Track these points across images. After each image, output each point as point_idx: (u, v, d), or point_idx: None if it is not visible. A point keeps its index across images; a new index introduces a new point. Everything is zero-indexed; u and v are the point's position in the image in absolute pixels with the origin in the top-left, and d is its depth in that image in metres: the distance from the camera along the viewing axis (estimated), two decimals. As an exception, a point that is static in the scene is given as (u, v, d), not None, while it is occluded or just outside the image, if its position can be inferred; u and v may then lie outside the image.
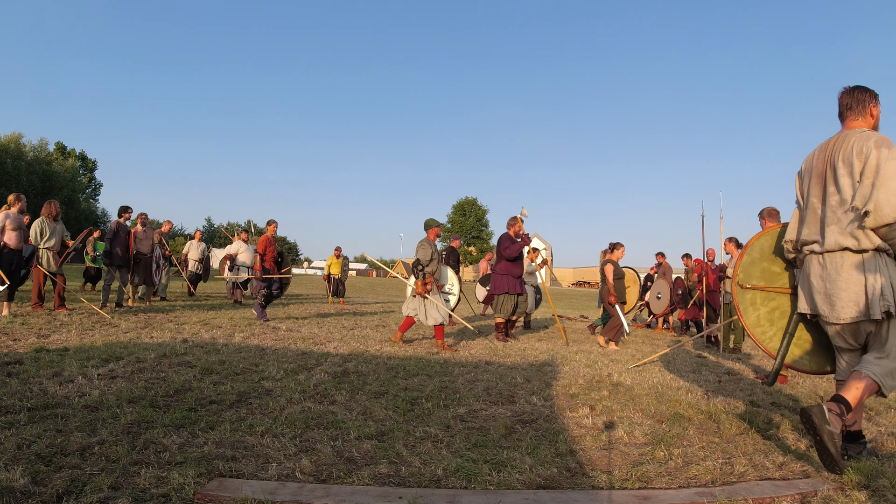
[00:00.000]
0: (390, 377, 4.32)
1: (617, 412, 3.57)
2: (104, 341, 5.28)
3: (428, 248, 6.55)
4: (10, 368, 3.83)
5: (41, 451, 2.32)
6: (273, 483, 2.15)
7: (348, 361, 4.94)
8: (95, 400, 3.13)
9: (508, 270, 7.41)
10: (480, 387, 4.14)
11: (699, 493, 2.24)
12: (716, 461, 2.66)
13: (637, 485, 2.36)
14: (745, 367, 5.92)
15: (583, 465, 2.58)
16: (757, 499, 2.19)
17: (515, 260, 7.44)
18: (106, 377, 3.73)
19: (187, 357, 4.64)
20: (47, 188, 44.85)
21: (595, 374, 4.92)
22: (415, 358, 5.40)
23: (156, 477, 2.13)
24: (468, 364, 5.19)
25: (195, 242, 12.88)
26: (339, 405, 3.39)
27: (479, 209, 65.60)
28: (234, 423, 2.88)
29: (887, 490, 2.31)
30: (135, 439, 2.54)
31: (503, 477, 2.35)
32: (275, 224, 8.55)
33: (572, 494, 2.21)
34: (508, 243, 7.37)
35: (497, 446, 2.76)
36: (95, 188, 60.03)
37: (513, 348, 6.59)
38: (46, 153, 50.38)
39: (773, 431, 3.24)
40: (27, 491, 1.94)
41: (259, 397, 3.47)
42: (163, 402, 3.21)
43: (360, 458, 2.51)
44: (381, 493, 2.10)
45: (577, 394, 4.07)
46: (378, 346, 6.14)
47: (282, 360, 4.75)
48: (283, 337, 6.44)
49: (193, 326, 6.90)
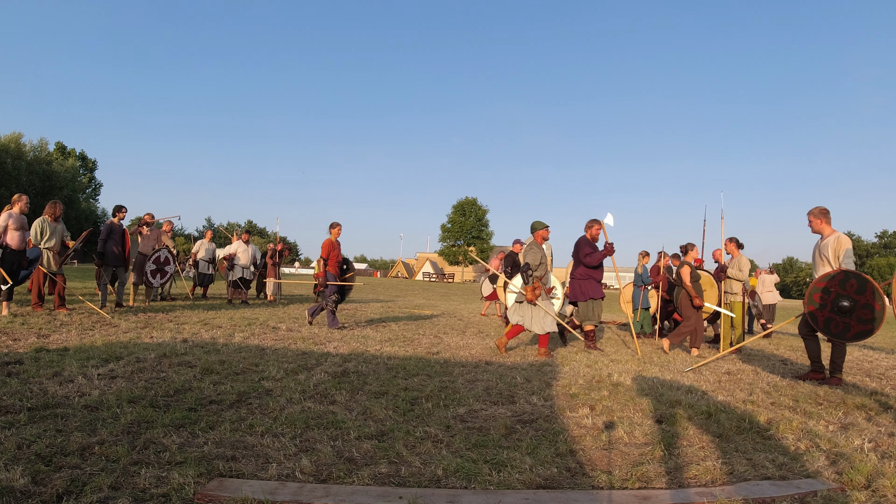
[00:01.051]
0: (390, 377, 4.32)
1: (617, 412, 3.57)
2: (104, 341, 5.28)
3: (537, 251, 6.23)
4: (10, 368, 3.83)
5: (41, 450, 2.32)
6: (273, 483, 2.15)
7: (348, 361, 4.94)
8: (95, 400, 3.13)
9: (590, 275, 6.97)
10: (480, 387, 4.14)
11: (699, 493, 2.24)
12: (716, 461, 2.66)
13: (637, 485, 2.36)
14: (745, 367, 5.92)
15: (583, 464, 2.58)
16: (757, 499, 2.19)
17: (598, 266, 6.98)
18: (106, 377, 3.73)
19: (187, 357, 4.64)
20: (47, 188, 44.90)
21: (595, 374, 4.92)
22: (415, 358, 5.40)
23: (156, 477, 2.13)
24: (468, 364, 5.19)
25: (206, 242, 12.44)
26: (339, 405, 3.39)
27: (479, 209, 65.55)
28: (234, 423, 2.89)
29: (887, 490, 2.31)
30: (135, 439, 2.54)
31: (503, 477, 2.35)
32: (339, 227, 8.10)
33: (572, 494, 2.21)
34: (589, 249, 6.85)
35: (497, 446, 2.76)
36: (95, 188, 60.12)
37: (513, 348, 6.59)
38: (46, 153, 50.39)
39: (773, 431, 3.24)
40: (27, 491, 1.94)
41: (259, 397, 3.47)
42: (163, 401, 3.21)
43: (360, 457, 2.51)
44: (381, 493, 2.10)
45: (577, 394, 4.07)
46: (378, 346, 6.14)
47: (282, 360, 4.75)
48: (283, 337, 6.44)
49: (193, 326, 6.90)
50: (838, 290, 4.84)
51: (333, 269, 7.91)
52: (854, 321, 4.81)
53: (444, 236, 66.21)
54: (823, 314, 4.97)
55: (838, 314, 4.86)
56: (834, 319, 4.91)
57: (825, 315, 4.97)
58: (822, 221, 5.23)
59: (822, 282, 4.96)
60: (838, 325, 4.89)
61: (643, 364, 5.78)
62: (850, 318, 4.80)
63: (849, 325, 4.83)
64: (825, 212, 5.24)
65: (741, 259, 7.54)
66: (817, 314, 5.01)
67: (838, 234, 5.13)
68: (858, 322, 4.82)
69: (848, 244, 5.04)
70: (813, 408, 3.95)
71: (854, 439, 3.11)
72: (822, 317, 4.98)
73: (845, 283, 4.81)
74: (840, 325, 4.88)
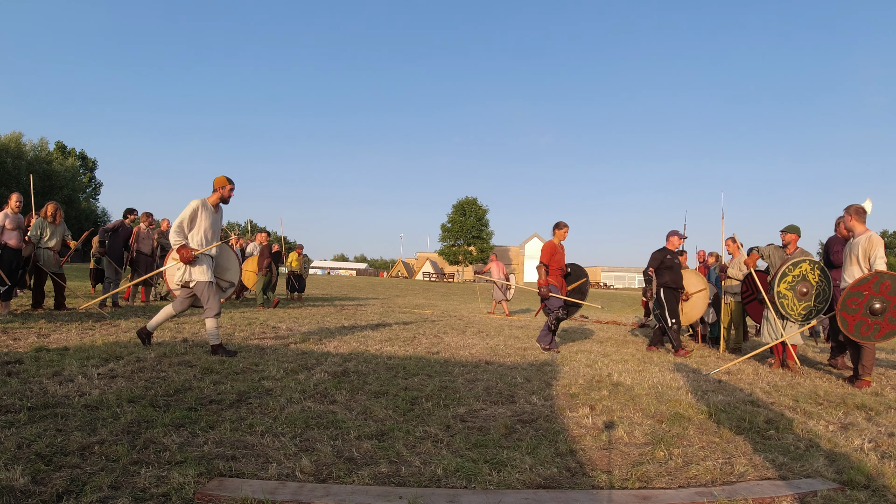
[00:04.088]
0: (390, 377, 4.32)
1: (617, 412, 3.57)
2: (104, 341, 5.28)
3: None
4: (10, 368, 3.83)
5: (41, 450, 2.32)
6: (273, 482, 2.15)
7: (348, 361, 4.94)
8: (95, 399, 3.13)
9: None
10: (480, 386, 4.14)
11: (699, 493, 2.24)
12: (716, 461, 2.66)
13: (637, 484, 2.36)
14: (745, 367, 5.92)
15: (583, 464, 2.58)
16: (757, 499, 2.19)
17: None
18: (106, 377, 3.73)
19: (187, 356, 4.64)
20: (47, 188, 44.89)
21: (595, 374, 4.92)
22: (415, 358, 5.40)
23: (156, 476, 2.13)
24: (468, 364, 5.19)
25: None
26: (339, 405, 3.39)
27: (479, 209, 65.58)
28: (234, 423, 2.89)
29: (887, 490, 2.31)
30: (135, 439, 2.54)
31: (503, 477, 2.35)
32: (566, 228, 6.79)
33: (572, 494, 2.21)
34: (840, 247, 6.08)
35: (497, 446, 2.76)
36: (95, 188, 60.14)
37: (513, 348, 6.59)
38: (46, 152, 50.39)
39: (773, 431, 3.24)
40: (27, 490, 1.94)
41: (259, 397, 3.47)
42: (163, 401, 3.21)
43: (360, 457, 2.51)
44: (381, 493, 2.10)
45: (577, 393, 4.07)
46: (378, 345, 6.14)
47: (282, 360, 4.75)
48: (283, 336, 6.44)
49: (193, 326, 6.90)
50: (872, 293, 4.83)
51: (556, 278, 6.63)
52: (885, 321, 4.80)
53: (444, 236, 66.26)
54: (855, 318, 4.95)
55: (870, 316, 4.87)
56: (865, 322, 4.91)
57: (857, 319, 4.95)
58: (854, 219, 5.21)
59: (857, 286, 4.92)
60: (869, 326, 4.89)
61: (643, 364, 5.78)
62: (882, 319, 4.80)
63: (879, 326, 4.83)
64: (860, 210, 5.21)
65: (741, 258, 7.54)
66: (848, 318, 4.98)
67: (870, 234, 5.12)
68: (889, 322, 4.80)
69: (879, 243, 5.03)
70: (813, 408, 3.95)
71: (854, 439, 3.11)
72: (854, 321, 4.96)
73: (879, 284, 4.80)
74: (871, 327, 4.88)
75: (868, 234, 5.13)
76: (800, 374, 5.58)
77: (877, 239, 5.06)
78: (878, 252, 4.98)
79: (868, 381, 5.03)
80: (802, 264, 5.82)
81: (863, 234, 5.15)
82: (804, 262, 5.82)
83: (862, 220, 5.22)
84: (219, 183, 5.11)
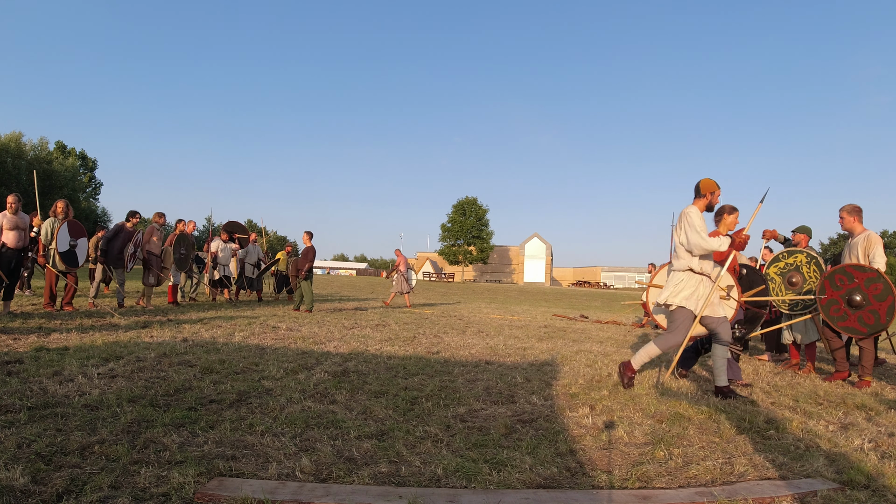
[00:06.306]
0: (390, 377, 4.32)
1: (617, 412, 3.57)
2: (104, 340, 5.28)
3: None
4: (10, 367, 3.83)
5: (41, 450, 2.32)
6: (273, 482, 2.15)
7: (348, 361, 4.94)
8: (95, 399, 3.13)
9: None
10: (480, 386, 4.14)
11: (699, 493, 2.24)
12: (716, 461, 2.66)
13: (637, 484, 2.36)
14: (745, 367, 5.92)
15: (583, 464, 2.57)
16: (757, 499, 2.19)
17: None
18: (106, 376, 3.73)
19: (187, 356, 4.64)
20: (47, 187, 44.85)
21: (595, 374, 4.92)
22: (415, 357, 5.40)
23: (156, 476, 2.13)
24: (468, 364, 5.19)
25: (221, 242, 11.64)
26: (339, 405, 3.39)
27: (480, 209, 65.54)
28: (234, 423, 2.89)
29: (887, 490, 2.31)
30: (135, 438, 2.54)
31: (503, 476, 2.35)
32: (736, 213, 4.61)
33: (572, 494, 2.21)
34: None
35: (497, 446, 2.76)
36: (95, 187, 60.13)
37: (513, 348, 6.59)
38: (46, 152, 50.39)
39: (773, 431, 3.24)
40: (27, 490, 1.94)
41: (259, 396, 3.47)
42: (163, 401, 3.21)
43: (360, 457, 2.51)
44: (381, 493, 2.10)
45: (577, 393, 4.07)
46: (378, 345, 6.14)
47: (282, 360, 4.75)
48: (283, 336, 6.44)
49: (193, 326, 6.90)
50: (861, 285, 4.84)
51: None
52: (854, 317, 4.82)
53: (444, 236, 66.22)
54: (834, 295, 4.97)
55: (845, 302, 4.89)
56: (840, 304, 4.93)
57: (835, 296, 4.96)
58: (854, 219, 5.25)
59: (851, 269, 4.96)
60: (839, 310, 4.93)
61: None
62: (852, 313, 4.81)
63: (847, 316, 4.85)
64: (857, 209, 5.26)
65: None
66: (828, 291, 4.99)
67: (868, 233, 5.16)
68: (858, 322, 4.82)
69: (878, 242, 5.06)
70: (813, 408, 3.95)
71: (854, 439, 3.11)
72: (829, 296, 4.97)
73: (872, 282, 4.81)
74: (840, 313, 4.91)
75: (866, 233, 5.17)
76: (809, 376, 5.57)
77: (875, 238, 5.10)
78: (877, 250, 5.02)
79: (868, 381, 5.03)
80: (799, 255, 5.86)
81: (862, 234, 5.19)
82: (801, 253, 5.87)
83: (860, 218, 5.26)
84: (708, 188, 4.26)
